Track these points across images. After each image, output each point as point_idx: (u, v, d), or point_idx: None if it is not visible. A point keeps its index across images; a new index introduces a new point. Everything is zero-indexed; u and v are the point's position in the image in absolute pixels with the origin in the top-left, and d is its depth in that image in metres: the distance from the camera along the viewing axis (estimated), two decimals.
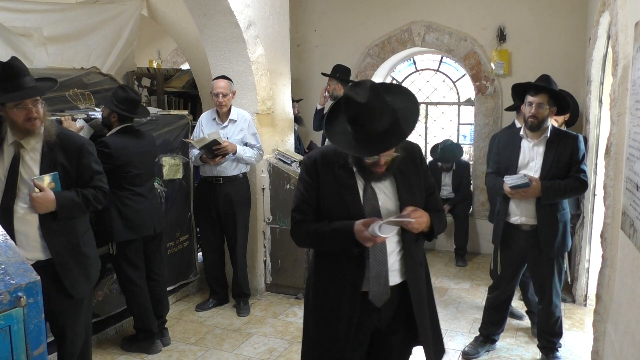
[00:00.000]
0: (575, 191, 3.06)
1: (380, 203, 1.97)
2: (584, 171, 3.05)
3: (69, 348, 2.67)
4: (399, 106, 1.90)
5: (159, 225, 3.56)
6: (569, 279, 3.37)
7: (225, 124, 4.05)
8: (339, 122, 1.93)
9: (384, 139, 1.83)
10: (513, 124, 4.09)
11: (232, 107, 4.08)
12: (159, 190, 3.91)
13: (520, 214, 3.15)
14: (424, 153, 6.09)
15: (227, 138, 3.99)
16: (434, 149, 5.61)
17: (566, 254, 3.26)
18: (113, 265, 3.53)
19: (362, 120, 1.81)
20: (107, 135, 3.42)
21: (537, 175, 3.06)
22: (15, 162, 2.48)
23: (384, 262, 1.98)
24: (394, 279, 2.02)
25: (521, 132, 3.18)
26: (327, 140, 4.40)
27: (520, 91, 3.21)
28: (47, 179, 2.47)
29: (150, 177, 3.60)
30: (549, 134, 3.09)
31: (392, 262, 2.01)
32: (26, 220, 2.49)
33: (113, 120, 3.43)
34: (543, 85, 3.04)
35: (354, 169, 1.97)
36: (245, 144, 4.06)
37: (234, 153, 3.93)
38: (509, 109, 4.23)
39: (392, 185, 2.01)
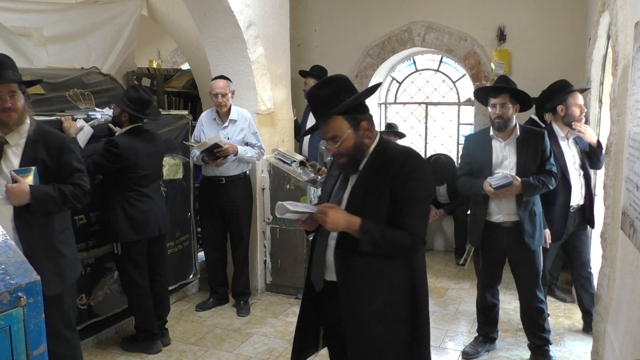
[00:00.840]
0: (549, 184, 3.16)
1: (344, 197, 2.05)
2: (553, 164, 3.21)
3: (50, 348, 2.63)
4: (341, 94, 1.99)
5: (164, 226, 3.56)
6: (542, 274, 3.40)
7: (226, 124, 4.05)
8: None
9: (320, 117, 1.99)
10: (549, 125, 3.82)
11: (232, 107, 4.08)
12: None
13: (501, 212, 3.21)
14: (423, 154, 6.10)
15: (228, 138, 4.00)
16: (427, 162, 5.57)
17: (541, 248, 3.31)
18: (116, 265, 3.53)
19: (311, 107, 2.04)
20: (117, 134, 3.42)
21: (512, 172, 3.15)
22: None
23: (321, 250, 2.08)
24: (331, 274, 2.05)
25: (491, 133, 3.25)
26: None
27: (482, 96, 3.33)
28: (25, 172, 2.49)
29: (157, 177, 3.60)
30: (518, 132, 3.18)
31: (330, 257, 2.05)
32: (1, 212, 2.48)
33: (124, 120, 3.43)
34: (503, 86, 3.15)
35: None
36: (246, 144, 4.07)
37: (235, 154, 3.94)
38: (540, 111, 4.06)
39: (353, 184, 2.06)
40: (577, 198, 3.57)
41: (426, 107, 6.30)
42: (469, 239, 3.49)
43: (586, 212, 3.62)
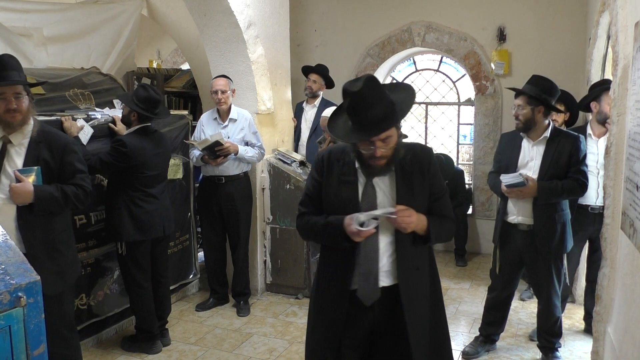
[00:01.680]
0: (573, 192, 3.07)
1: (378, 201, 1.99)
2: (583, 172, 3.07)
3: (50, 348, 2.63)
4: (398, 99, 1.94)
5: (169, 227, 3.56)
6: (567, 281, 3.37)
7: (226, 123, 4.06)
8: (341, 117, 2.00)
9: (377, 125, 1.87)
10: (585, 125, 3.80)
11: (232, 107, 4.08)
12: None
13: (517, 213, 3.18)
14: None
15: (228, 137, 4.00)
16: None
17: (565, 255, 3.26)
18: (120, 264, 3.53)
19: (356, 108, 1.87)
20: (125, 134, 3.42)
21: (535, 174, 3.08)
22: (0, 155, 2.52)
23: (374, 260, 1.99)
24: (386, 280, 2.02)
25: (522, 132, 3.20)
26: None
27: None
28: (29, 172, 2.50)
29: (163, 178, 3.58)
30: (548, 134, 3.12)
31: (383, 263, 2.01)
32: (3, 211, 2.49)
33: (133, 119, 3.43)
34: (518, 89, 3.18)
35: (357, 166, 2.02)
36: (247, 143, 4.07)
37: (236, 153, 3.94)
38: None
39: (392, 184, 2.02)
40: (593, 198, 3.49)
41: (426, 107, 6.30)
42: (493, 238, 3.43)
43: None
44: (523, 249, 3.19)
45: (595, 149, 3.50)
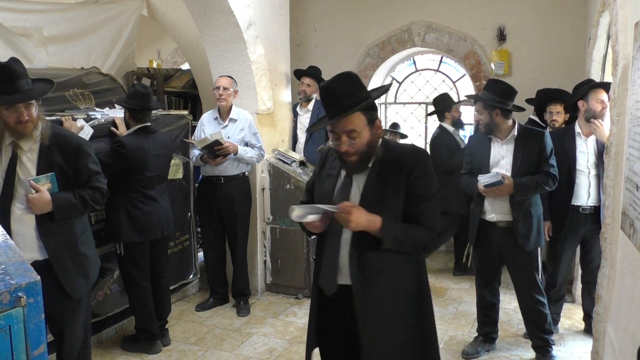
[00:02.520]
0: (546, 185, 3.15)
1: (351, 196, 2.01)
2: (553, 165, 3.19)
3: (68, 348, 2.67)
4: (370, 95, 1.99)
5: (167, 229, 3.55)
6: (542, 277, 3.39)
7: (226, 123, 4.06)
8: (323, 119, 2.09)
9: (335, 116, 1.91)
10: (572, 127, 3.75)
11: (233, 107, 4.08)
12: None
13: (495, 211, 3.24)
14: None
15: (228, 137, 4.00)
16: None
17: (539, 249, 3.31)
18: (119, 265, 3.54)
19: (324, 100, 1.94)
20: (125, 134, 3.41)
21: (508, 172, 3.17)
22: (12, 162, 2.48)
23: (334, 253, 2.02)
24: (344, 278, 2.02)
25: (487, 135, 3.29)
26: None
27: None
28: (43, 179, 2.47)
29: (163, 180, 3.57)
30: (516, 132, 3.21)
31: (342, 259, 2.01)
32: (23, 221, 2.48)
33: (129, 120, 3.43)
34: (472, 96, 3.39)
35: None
36: (246, 144, 4.07)
37: (235, 153, 3.94)
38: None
39: (364, 182, 2.02)
40: (584, 198, 3.50)
41: (426, 107, 6.29)
42: (469, 237, 3.50)
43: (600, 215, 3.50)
44: (503, 246, 3.25)
45: (584, 148, 3.51)
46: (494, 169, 3.22)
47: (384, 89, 2.25)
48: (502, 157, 3.24)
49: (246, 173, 4.18)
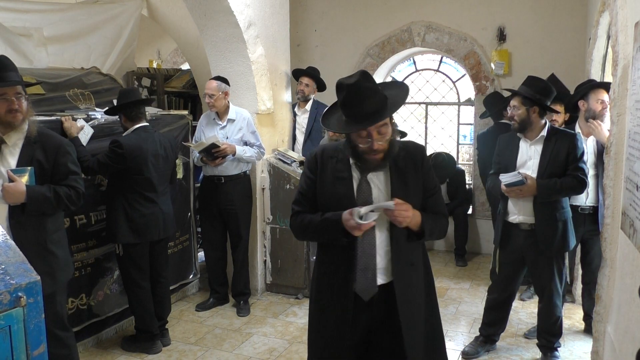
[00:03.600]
0: (573, 189, 3.07)
1: (373, 196, 2.01)
2: (582, 169, 3.08)
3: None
4: (391, 94, 1.98)
5: (166, 231, 3.53)
6: (567, 279, 3.37)
7: (224, 123, 4.05)
8: (335, 114, 2.05)
9: (372, 116, 1.89)
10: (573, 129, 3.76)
11: (231, 107, 4.08)
12: None
13: (518, 213, 3.18)
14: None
15: (227, 137, 3.99)
16: None
17: (567, 254, 3.26)
18: (118, 265, 3.54)
19: (350, 100, 1.89)
20: (123, 135, 3.40)
21: (534, 173, 3.09)
22: None
23: (371, 255, 2.01)
24: (382, 277, 2.03)
25: (519, 133, 3.23)
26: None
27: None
28: (22, 172, 2.51)
29: (164, 181, 3.54)
30: (545, 133, 3.14)
31: (380, 259, 2.02)
32: None
33: (126, 123, 3.42)
34: (513, 90, 3.25)
35: (351, 163, 2.04)
36: (245, 143, 4.07)
37: (234, 154, 3.93)
38: (483, 115, 4.39)
39: (386, 180, 2.04)
40: (582, 198, 3.48)
41: (426, 107, 6.30)
42: (494, 239, 3.42)
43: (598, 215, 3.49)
44: (525, 249, 3.19)
45: (584, 148, 3.50)
46: (520, 169, 3.15)
47: (403, 95, 2.05)
48: (529, 158, 3.16)
49: (247, 172, 4.18)
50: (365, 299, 2.03)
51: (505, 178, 3.09)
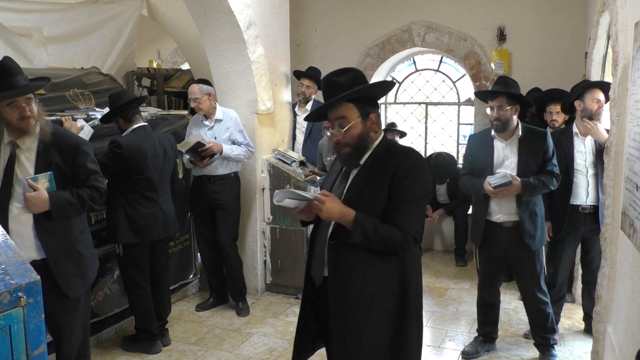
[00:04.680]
0: (551, 184, 3.17)
1: (345, 191, 2.06)
2: (556, 165, 3.22)
3: (67, 348, 2.67)
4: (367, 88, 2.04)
5: (166, 231, 3.53)
6: (545, 273, 3.40)
7: (212, 124, 4.04)
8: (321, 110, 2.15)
9: (331, 102, 1.99)
10: (570, 128, 3.72)
11: (218, 107, 4.07)
12: None
13: (502, 212, 3.23)
14: (423, 154, 6.10)
15: (215, 138, 3.98)
16: (427, 161, 5.55)
17: (543, 248, 3.33)
18: (119, 265, 3.54)
19: (324, 91, 2.02)
20: (123, 135, 3.40)
21: (513, 172, 3.16)
22: (11, 161, 2.48)
23: (323, 244, 2.07)
24: (325, 270, 2.08)
25: (492, 133, 3.26)
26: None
27: (483, 98, 3.36)
28: (41, 178, 2.47)
29: (164, 181, 3.53)
30: (520, 132, 3.20)
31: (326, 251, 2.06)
32: (21, 220, 2.48)
33: (123, 125, 3.41)
34: (499, 90, 3.18)
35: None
36: (233, 142, 4.05)
37: (221, 153, 3.91)
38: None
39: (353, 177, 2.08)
40: (583, 197, 3.50)
41: (426, 107, 6.30)
42: (471, 238, 3.50)
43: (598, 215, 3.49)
44: (509, 246, 3.25)
45: (582, 148, 3.52)
46: (498, 170, 3.20)
47: (383, 86, 2.18)
48: (506, 157, 3.21)
49: (237, 173, 4.15)
50: (316, 284, 2.12)
51: (494, 180, 3.13)
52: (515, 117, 3.19)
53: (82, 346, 2.75)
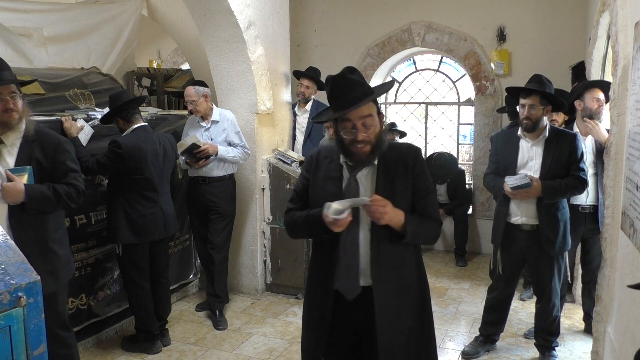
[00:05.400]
0: (575, 190, 3.08)
1: (360, 195, 2.00)
2: (583, 170, 3.09)
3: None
4: (377, 87, 2.07)
5: (167, 231, 3.52)
6: (569, 278, 3.38)
7: (208, 125, 4.03)
8: (326, 113, 2.10)
9: (354, 101, 1.91)
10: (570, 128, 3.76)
11: (215, 108, 4.06)
12: None
13: (521, 214, 3.17)
14: (423, 153, 6.09)
15: (211, 139, 3.97)
16: (428, 160, 5.55)
17: (566, 253, 3.27)
18: (119, 265, 3.54)
19: (337, 91, 1.94)
20: (122, 135, 3.39)
21: (536, 174, 3.08)
22: None
23: (354, 254, 1.99)
24: (365, 279, 2.00)
25: (519, 132, 3.20)
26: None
27: (515, 94, 3.26)
28: (20, 171, 2.50)
29: (164, 181, 3.53)
30: (547, 134, 3.12)
31: (362, 259, 2.00)
32: None
33: (123, 125, 3.41)
34: (533, 88, 3.09)
35: (342, 162, 2.05)
36: (230, 144, 4.04)
37: (216, 154, 3.90)
38: (501, 110, 4.53)
39: (373, 179, 2.02)
40: (582, 197, 3.48)
41: (426, 107, 6.30)
42: (492, 239, 3.42)
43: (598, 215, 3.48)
44: (526, 249, 3.19)
45: (582, 148, 3.51)
46: (521, 170, 3.13)
47: (387, 86, 2.29)
48: (530, 158, 3.14)
49: (233, 175, 4.14)
50: (349, 299, 2.01)
51: (512, 181, 3.06)
52: (545, 118, 3.11)
53: (66, 346, 2.73)
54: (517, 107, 3.21)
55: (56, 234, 2.67)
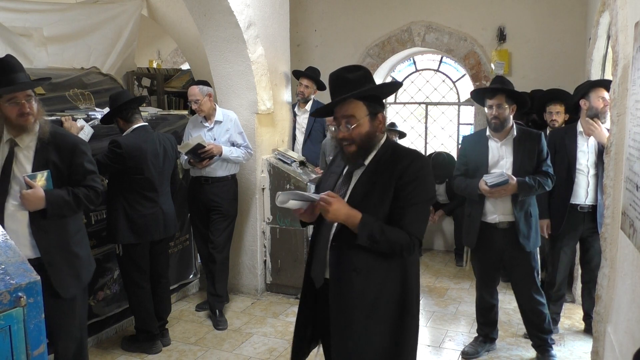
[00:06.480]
0: (546, 185, 3.18)
1: (349, 192, 2.02)
2: (550, 165, 3.22)
3: (62, 350, 2.65)
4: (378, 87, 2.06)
5: (167, 231, 3.52)
6: (539, 274, 3.40)
7: (211, 125, 4.02)
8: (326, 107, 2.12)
9: (344, 91, 1.94)
10: (575, 126, 3.68)
11: (218, 108, 4.06)
12: None
13: (497, 212, 3.22)
14: (423, 153, 6.09)
15: (215, 139, 3.96)
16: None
17: (538, 249, 3.33)
18: (119, 265, 3.54)
19: (331, 87, 1.99)
20: (123, 135, 3.39)
21: (509, 172, 3.15)
22: (9, 159, 2.49)
23: (324, 245, 2.03)
24: (327, 272, 2.04)
25: (487, 133, 3.26)
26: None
27: (479, 97, 3.33)
28: (38, 176, 2.47)
29: (165, 181, 3.53)
30: (515, 133, 3.20)
31: (329, 253, 2.02)
32: (16, 218, 2.48)
33: (123, 125, 3.41)
34: (498, 87, 3.18)
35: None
36: (233, 144, 4.04)
37: (220, 154, 3.90)
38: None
39: (357, 178, 2.05)
40: (582, 197, 3.51)
41: (426, 107, 6.30)
42: (465, 241, 3.47)
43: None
44: (504, 247, 3.24)
45: (585, 148, 3.51)
46: (493, 170, 3.20)
47: (392, 86, 2.26)
48: (501, 157, 3.21)
49: (235, 175, 4.13)
50: (317, 286, 2.08)
51: (490, 179, 3.11)
52: (511, 117, 3.19)
53: (79, 347, 2.74)
54: (485, 108, 3.27)
55: (77, 236, 2.66)
